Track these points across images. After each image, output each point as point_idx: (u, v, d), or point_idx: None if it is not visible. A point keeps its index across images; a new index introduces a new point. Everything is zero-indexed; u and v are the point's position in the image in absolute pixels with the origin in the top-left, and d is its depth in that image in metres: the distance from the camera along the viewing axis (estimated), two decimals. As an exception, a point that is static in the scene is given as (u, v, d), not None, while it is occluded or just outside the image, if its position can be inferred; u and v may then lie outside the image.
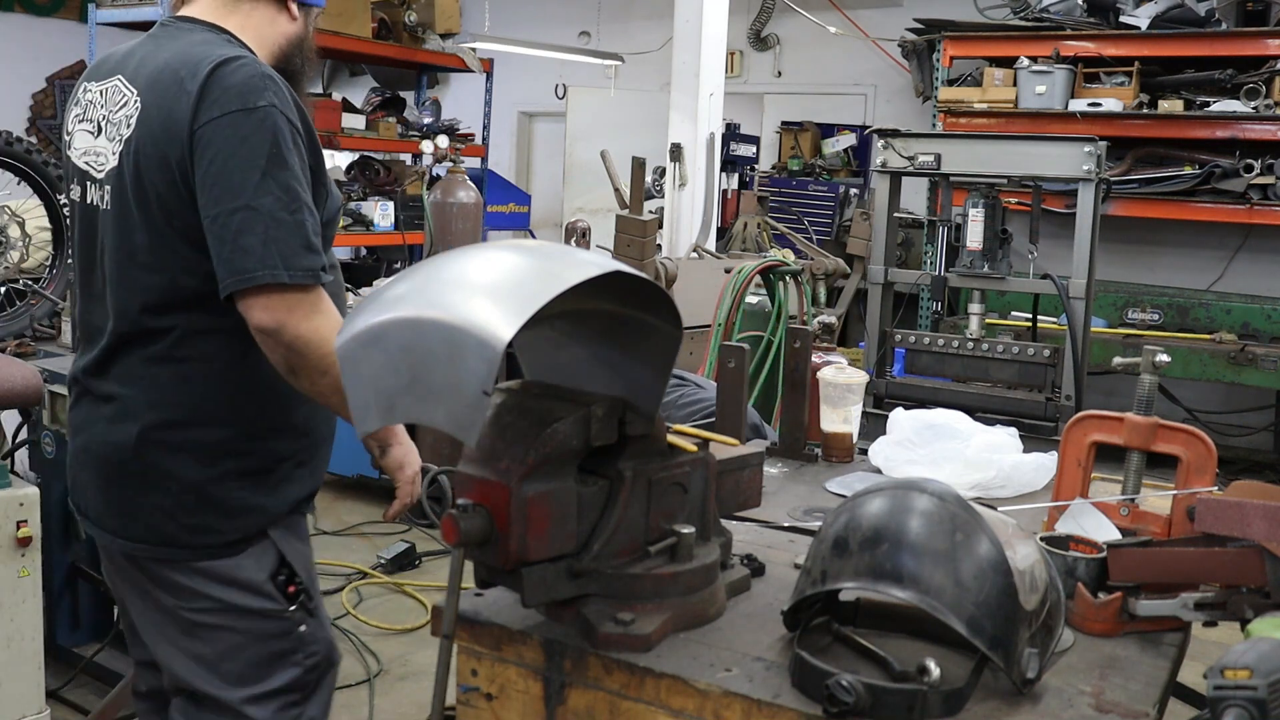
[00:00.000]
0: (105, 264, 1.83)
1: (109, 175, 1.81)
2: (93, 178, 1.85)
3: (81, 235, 1.90)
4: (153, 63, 1.81)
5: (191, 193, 1.71)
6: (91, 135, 1.86)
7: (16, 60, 9.76)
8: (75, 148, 1.90)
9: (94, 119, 1.86)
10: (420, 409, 1.32)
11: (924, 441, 2.32)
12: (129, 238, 1.78)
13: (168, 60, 1.79)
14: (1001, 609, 1.33)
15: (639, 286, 1.44)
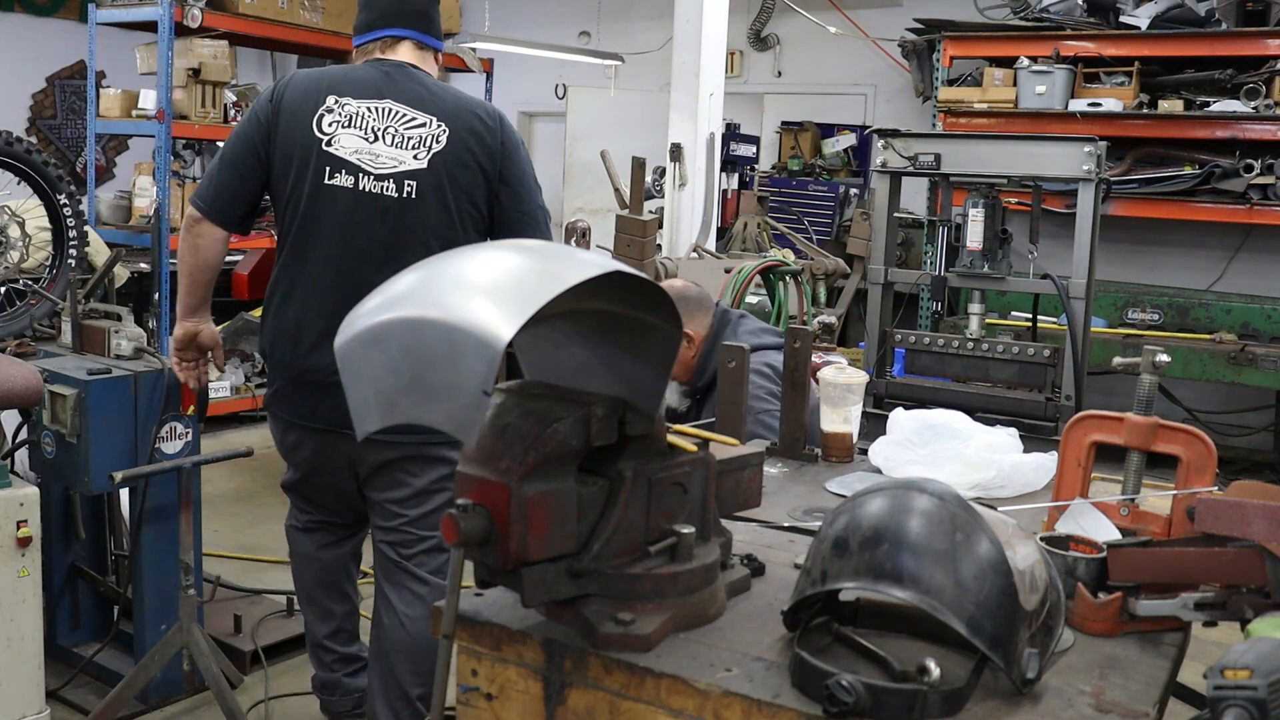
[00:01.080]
0: (380, 233, 2.61)
1: (404, 174, 2.61)
2: (367, 172, 2.61)
3: (337, 213, 2.62)
4: (437, 99, 2.67)
5: (493, 194, 2.68)
6: (365, 140, 2.63)
7: (16, 60, 9.75)
8: (343, 145, 2.62)
9: (369, 128, 2.63)
10: (420, 409, 1.32)
11: (924, 441, 2.32)
12: (426, 218, 2.62)
13: (457, 100, 2.70)
14: (1001, 609, 1.33)
15: (639, 286, 1.44)
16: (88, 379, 3.20)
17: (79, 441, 3.20)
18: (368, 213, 2.61)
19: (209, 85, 6.34)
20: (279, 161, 2.66)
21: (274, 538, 4.81)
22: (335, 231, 2.62)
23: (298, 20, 6.67)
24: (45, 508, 3.12)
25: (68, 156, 10.24)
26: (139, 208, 6.81)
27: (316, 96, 2.64)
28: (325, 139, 2.61)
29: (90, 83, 6.68)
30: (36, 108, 10.27)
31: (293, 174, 2.64)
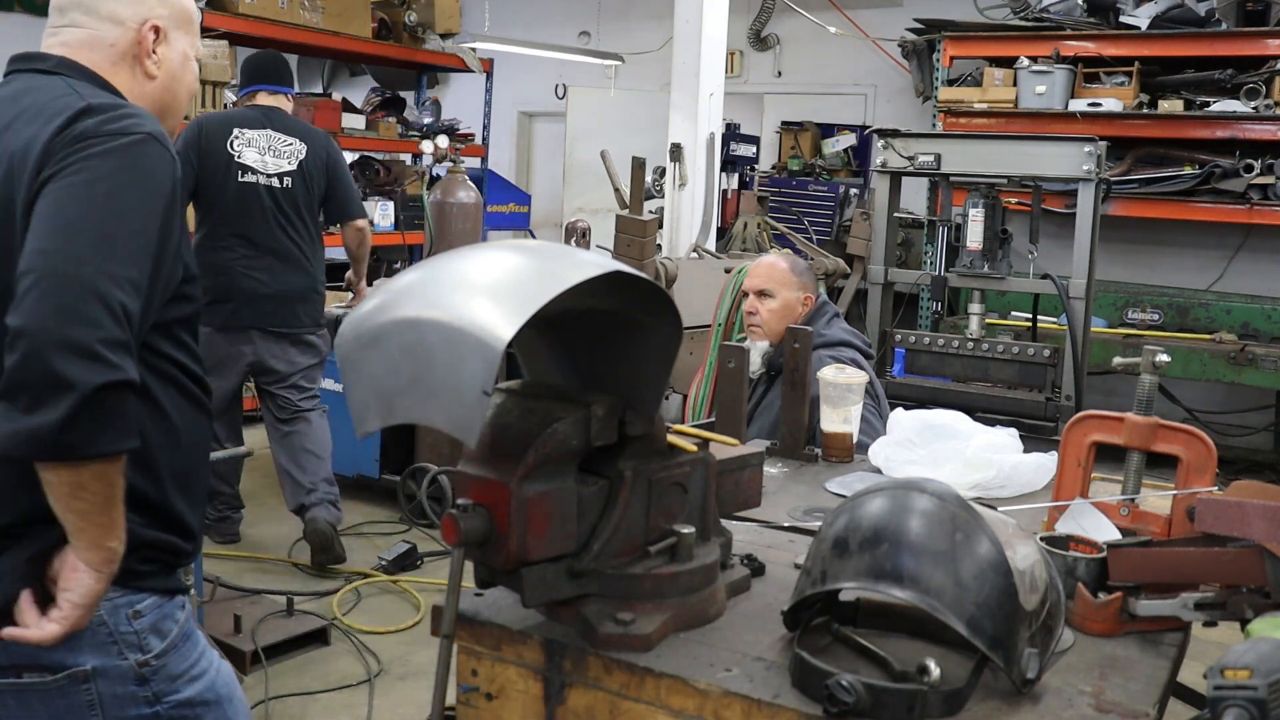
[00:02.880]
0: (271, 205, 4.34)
1: (284, 173, 4.36)
2: (261, 172, 4.30)
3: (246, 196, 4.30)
4: (296, 127, 4.48)
5: (329, 183, 4.50)
6: (260, 154, 4.31)
7: (16, 60, 9.77)
8: (246, 157, 4.28)
9: (260, 146, 4.32)
10: (420, 409, 1.32)
11: (924, 441, 2.32)
12: (296, 197, 4.39)
13: (304, 127, 4.56)
14: (1001, 609, 1.33)
15: (639, 286, 1.44)
16: (88, 379, 3.19)
17: (79, 441, 3.20)
18: (264, 195, 4.32)
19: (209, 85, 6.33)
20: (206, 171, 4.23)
21: (273, 538, 4.81)
22: (247, 206, 4.29)
23: (298, 20, 6.67)
24: (45, 508, 3.11)
25: (68, 156, 10.23)
26: (139, 208, 6.79)
27: (227, 129, 4.29)
28: (237, 154, 4.27)
29: (90, 83, 6.67)
30: (36, 108, 10.27)
31: (218, 176, 4.25)
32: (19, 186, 1.47)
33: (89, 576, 1.45)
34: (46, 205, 1.43)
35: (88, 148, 1.46)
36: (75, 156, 1.45)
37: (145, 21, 1.66)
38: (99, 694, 1.54)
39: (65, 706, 1.54)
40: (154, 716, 1.59)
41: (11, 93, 1.59)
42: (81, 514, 1.42)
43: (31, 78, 1.60)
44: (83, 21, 1.64)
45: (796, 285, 3.34)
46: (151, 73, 1.67)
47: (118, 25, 1.65)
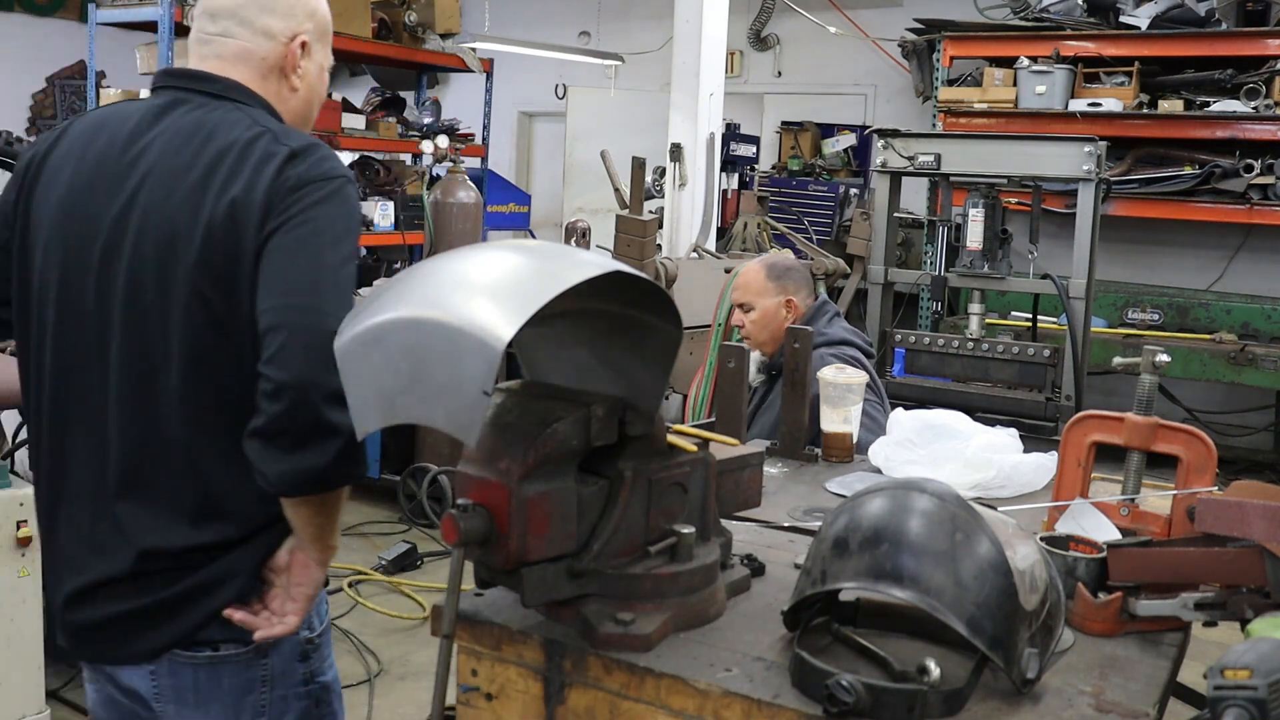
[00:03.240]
0: None
1: None
2: None
3: None
4: None
5: None
6: None
7: (16, 60, 9.76)
8: None
9: None
10: (420, 409, 1.32)
11: (924, 441, 2.32)
12: None
13: None
14: (1001, 609, 1.33)
15: (639, 286, 1.44)
16: (88, 379, 3.20)
17: (79, 441, 3.20)
18: None
19: (209, 85, 6.32)
20: None
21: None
22: None
23: (298, 20, 6.66)
24: (45, 508, 3.12)
25: (68, 156, 10.23)
26: (139, 208, 6.80)
27: None
28: None
29: (90, 83, 6.68)
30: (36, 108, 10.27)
31: None
32: (248, 230, 1.54)
33: (319, 572, 1.68)
34: (281, 258, 1.53)
35: (305, 196, 1.55)
36: (296, 208, 1.54)
37: (295, 37, 1.72)
38: (272, 668, 1.71)
39: (246, 680, 1.69)
40: (305, 694, 1.76)
41: (193, 123, 1.62)
42: (320, 525, 1.64)
43: (204, 102, 1.65)
44: (236, 32, 1.69)
45: (774, 291, 3.26)
46: (295, 86, 1.74)
47: (270, 39, 1.70)
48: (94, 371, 1.63)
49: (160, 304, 1.57)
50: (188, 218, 1.55)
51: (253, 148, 1.58)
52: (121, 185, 1.61)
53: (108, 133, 1.67)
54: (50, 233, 1.66)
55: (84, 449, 1.66)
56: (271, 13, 1.70)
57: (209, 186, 1.56)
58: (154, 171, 1.60)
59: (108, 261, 1.61)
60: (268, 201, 1.54)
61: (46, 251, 1.67)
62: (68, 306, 1.65)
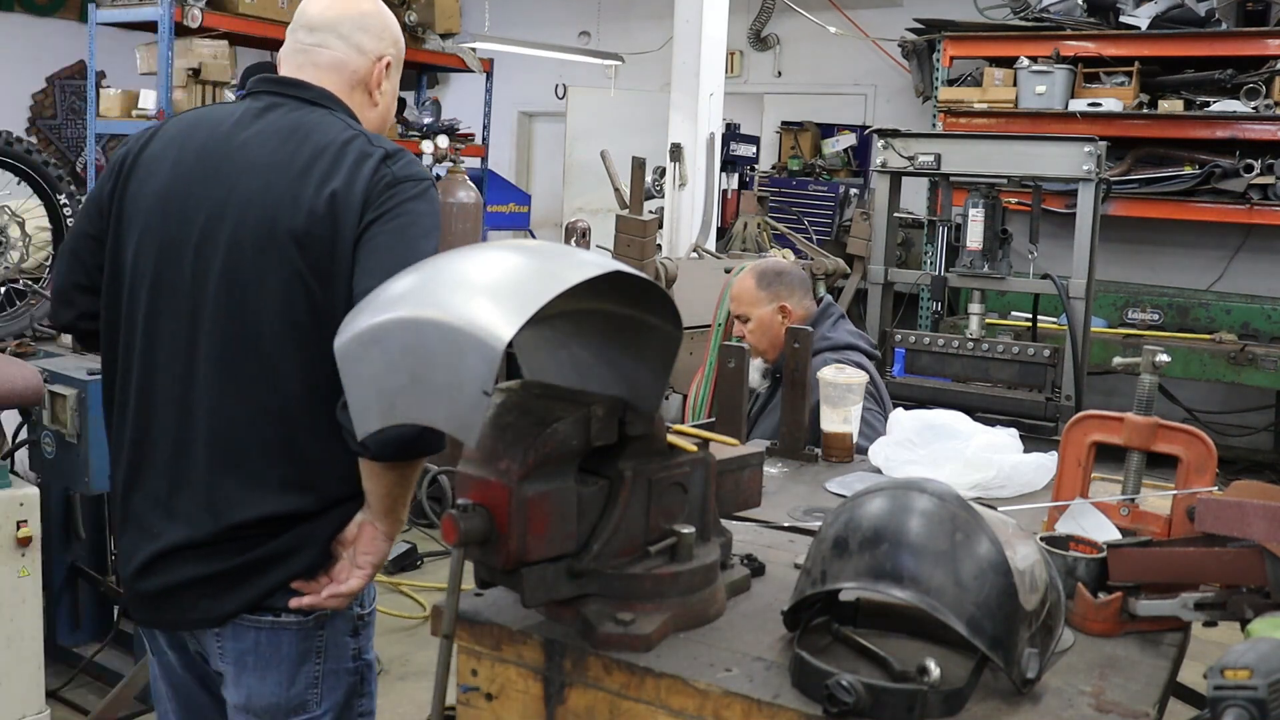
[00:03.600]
0: None
1: None
2: None
3: None
4: None
5: None
6: None
7: (16, 60, 9.75)
8: None
9: None
10: (420, 409, 1.32)
11: (924, 441, 2.32)
12: None
13: None
14: (1001, 609, 1.33)
15: (639, 286, 1.44)
16: (88, 379, 3.20)
17: (79, 441, 3.20)
18: None
19: (209, 85, 6.33)
20: None
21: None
22: None
23: (298, 20, 6.66)
24: (45, 508, 3.12)
25: (68, 156, 10.24)
26: (139, 208, 6.80)
27: None
28: None
29: (90, 83, 6.68)
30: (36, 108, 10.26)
31: None
32: (348, 218, 1.69)
33: (385, 544, 1.78)
34: (381, 245, 1.68)
35: (400, 194, 1.71)
36: (392, 202, 1.70)
37: (382, 57, 1.89)
38: (327, 640, 1.82)
39: (304, 649, 1.80)
40: (353, 670, 1.87)
41: (291, 123, 1.78)
42: (396, 496, 1.75)
43: (301, 108, 1.81)
44: (333, 44, 1.85)
45: (766, 299, 3.22)
46: (376, 100, 1.91)
47: (361, 54, 1.87)
48: (184, 349, 1.74)
49: (257, 286, 1.70)
50: (289, 207, 1.69)
51: (349, 147, 1.73)
52: (220, 178, 1.75)
53: (205, 130, 1.81)
54: (146, 222, 1.79)
55: (169, 422, 1.76)
56: (365, 31, 1.87)
57: (308, 180, 1.70)
58: (254, 166, 1.74)
59: (204, 247, 1.73)
60: (366, 195, 1.70)
61: (142, 239, 1.79)
62: (162, 289, 1.76)
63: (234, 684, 1.80)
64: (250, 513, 1.71)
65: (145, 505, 1.79)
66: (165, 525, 1.76)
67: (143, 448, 1.79)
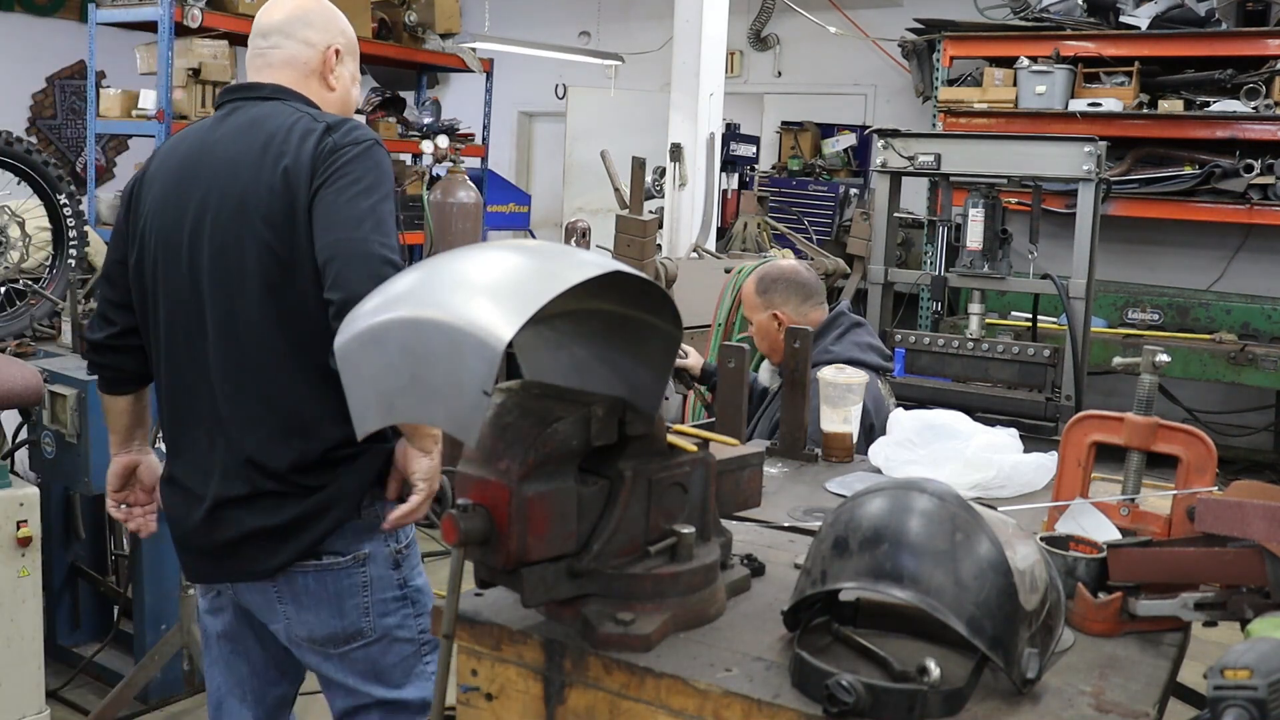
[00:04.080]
0: None
1: None
2: None
3: None
4: None
5: None
6: None
7: (16, 60, 9.75)
8: None
9: None
10: (420, 409, 1.32)
11: (924, 441, 2.32)
12: None
13: None
14: (1001, 609, 1.33)
15: (639, 286, 1.44)
16: (88, 379, 3.20)
17: (79, 441, 3.20)
18: None
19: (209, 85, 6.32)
20: None
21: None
22: None
23: (298, 20, 6.66)
24: (45, 508, 3.12)
25: (68, 156, 10.24)
26: (139, 208, 6.79)
27: None
28: None
29: (90, 83, 6.68)
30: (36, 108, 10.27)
31: None
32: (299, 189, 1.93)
33: (427, 458, 1.99)
34: (329, 205, 1.91)
35: (341, 157, 1.94)
36: (335, 165, 1.93)
37: (329, 45, 2.13)
38: (370, 575, 2.05)
39: (349, 585, 2.03)
40: (400, 598, 2.09)
41: (249, 119, 2.03)
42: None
43: (256, 105, 2.06)
44: (282, 44, 2.10)
45: (761, 305, 3.17)
46: (333, 85, 2.15)
47: (309, 47, 2.11)
48: (195, 334, 2.01)
49: (239, 257, 1.94)
50: (253, 187, 1.94)
51: (296, 126, 1.98)
52: (199, 180, 2.01)
53: (186, 144, 2.09)
54: (151, 233, 2.07)
55: (195, 384, 2.02)
56: (310, 26, 2.11)
57: (264, 162, 1.95)
58: (223, 162, 2.00)
59: (194, 240, 2.00)
60: (312, 165, 1.93)
61: (153, 249, 2.07)
62: (170, 286, 2.04)
63: (296, 620, 2.05)
64: (265, 459, 1.96)
65: (187, 471, 2.06)
66: (207, 486, 2.01)
67: (178, 423, 2.08)
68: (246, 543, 1.99)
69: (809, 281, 3.23)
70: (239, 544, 2.00)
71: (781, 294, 3.17)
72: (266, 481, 1.97)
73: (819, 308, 3.20)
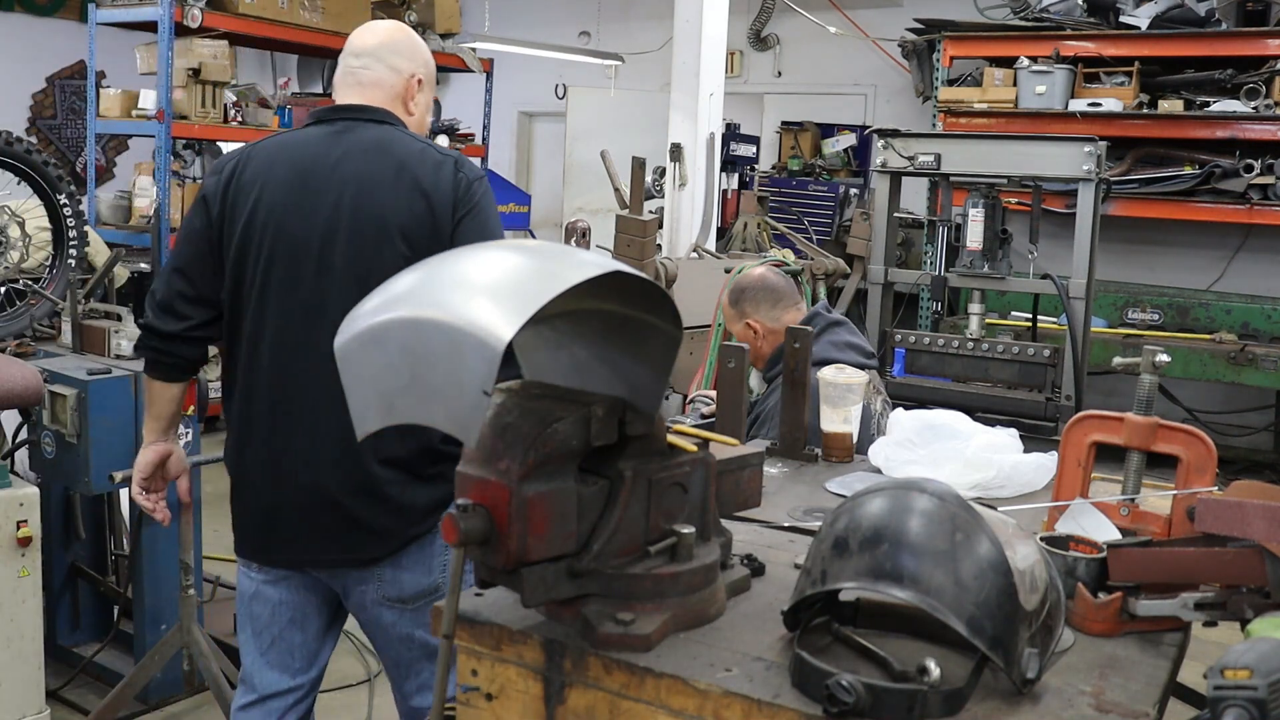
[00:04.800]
0: None
1: None
2: None
3: None
4: None
5: None
6: None
7: (16, 60, 9.75)
8: None
9: None
10: (420, 409, 1.32)
11: (924, 441, 2.32)
12: None
13: None
14: (1001, 609, 1.33)
15: (639, 286, 1.44)
16: (88, 379, 3.20)
17: (79, 441, 3.20)
18: None
19: (209, 85, 6.33)
20: None
21: (274, 538, 4.81)
22: None
23: (298, 20, 6.67)
24: (45, 508, 3.12)
25: (68, 156, 10.24)
26: (139, 208, 6.81)
27: None
28: None
29: (90, 83, 6.68)
30: (36, 108, 10.26)
31: None
32: (443, 215, 2.20)
33: None
34: (470, 233, 2.17)
35: (475, 193, 2.23)
36: (473, 201, 2.22)
37: (413, 75, 2.35)
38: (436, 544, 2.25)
39: (437, 545, 2.24)
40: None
41: (371, 139, 2.25)
42: None
43: (369, 126, 2.27)
44: (373, 66, 2.31)
45: (735, 316, 3.18)
46: (411, 111, 2.37)
47: (396, 73, 2.33)
48: (315, 317, 2.14)
49: (378, 265, 2.07)
50: (392, 206, 2.17)
51: (425, 157, 2.23)
52: (328, 190, 2.19)
53: (292, 153, 2.25)
54: (267, 229, 2.20)
55: (308, 375, 2.15)
56: (399, 55, 2.33)
57: (400, 184, 2.18)
58: (354, 177, 2.19)
59: (326, 246, 2.17)
60: (454, 197, 2.20)
61: (268, 242, 2.20)
62: (291, 274, 2.18)
63: (391, 582, 2.23)
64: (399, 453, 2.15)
65: (286, 460, 2.19)
66: (314, 475, 2.17)
67: (278, 413, 2.20)
68: (358, 528, 2.19)
69: (778, 285, 3.22)
70: (352, 529, 2.19)
71: (751, 302, 3.17)
72: (388, 470, 2.16)
73: (792, 309, 3.19)
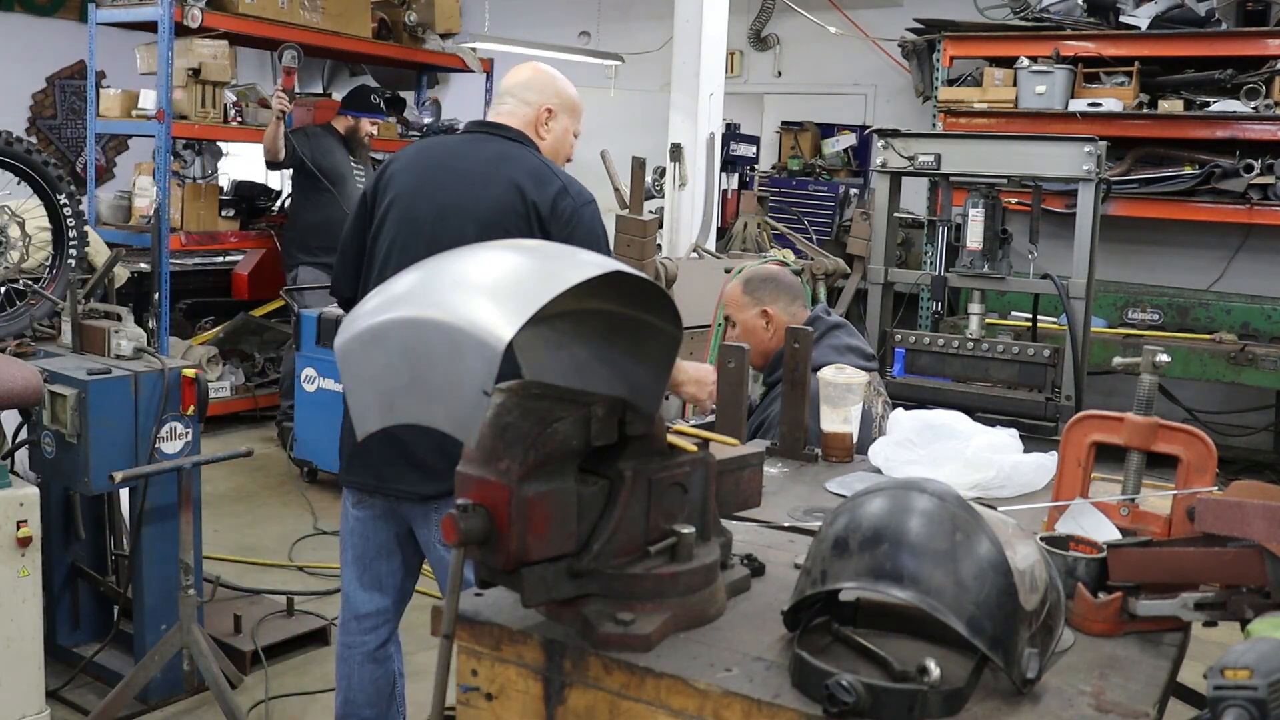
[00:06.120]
0: None
1: None
2: None
3: None
4: None
5: None
6: None
7: (16, 60, 9.75)
8: None
9: None
10: (420, 409, 1.32)
11: (924, 441, 2.32)
12: None
13: None
14: (1001, 609, 1.33)
15: (639, 286, 1.44)
16: (88, 379, 3.20)
17: (79, 441, 3.20)
18: None
19: (209, 85, 6.34)
20: None
21: (273, 538, 4.81)
22: None
23: (298, 20, 6.67)
24: (45, 508, 3.12)
25: (68, 156, 10.23)
26: (139, 208, 6.81)
27: None
28: None
29: (90, 83, 6.68)
30: (36, 108, 10.26)
31: None
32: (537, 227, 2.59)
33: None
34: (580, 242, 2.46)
35: (576, 215, 2.63)
36: (568, 221, 2.61)
37: (543, 105, 2.85)
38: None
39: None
40: None
41: (499, 150, 2.70)
42: None
43: (502, 141, 2.74)
44: (509, 101, 2.82)
45: (749, 304, 3.19)
46: (542, 135, 2.84)
47: (527, 105, 2.83)
48: None
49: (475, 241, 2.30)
50: (501, 199, 2.60)
51: (537, 171, 2.66)
52: (449, 179, 2.65)
53: (435, 152, 2.76)
54: (397, 209, 2.66)
55: None
56: (530, 90, 2.85)
57: (504, 190, 2.60)
58: (475, 173, 2.65)
59: (442, 218, 2.61)
60: (552, 213, 2.59)
61: (394, 219, 2.66)
62: (409, 246, 2.57)
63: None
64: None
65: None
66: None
67: None
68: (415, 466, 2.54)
69: (795, 284, 3.31)
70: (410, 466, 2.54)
71: (772, 292, 3.20)
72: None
73: (803, 311, 3.24)
